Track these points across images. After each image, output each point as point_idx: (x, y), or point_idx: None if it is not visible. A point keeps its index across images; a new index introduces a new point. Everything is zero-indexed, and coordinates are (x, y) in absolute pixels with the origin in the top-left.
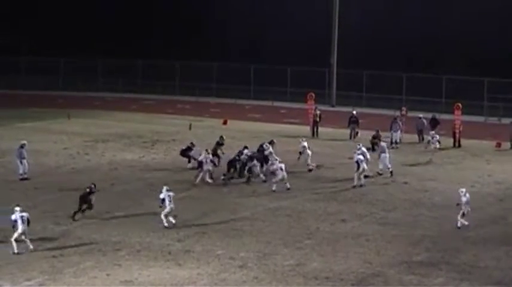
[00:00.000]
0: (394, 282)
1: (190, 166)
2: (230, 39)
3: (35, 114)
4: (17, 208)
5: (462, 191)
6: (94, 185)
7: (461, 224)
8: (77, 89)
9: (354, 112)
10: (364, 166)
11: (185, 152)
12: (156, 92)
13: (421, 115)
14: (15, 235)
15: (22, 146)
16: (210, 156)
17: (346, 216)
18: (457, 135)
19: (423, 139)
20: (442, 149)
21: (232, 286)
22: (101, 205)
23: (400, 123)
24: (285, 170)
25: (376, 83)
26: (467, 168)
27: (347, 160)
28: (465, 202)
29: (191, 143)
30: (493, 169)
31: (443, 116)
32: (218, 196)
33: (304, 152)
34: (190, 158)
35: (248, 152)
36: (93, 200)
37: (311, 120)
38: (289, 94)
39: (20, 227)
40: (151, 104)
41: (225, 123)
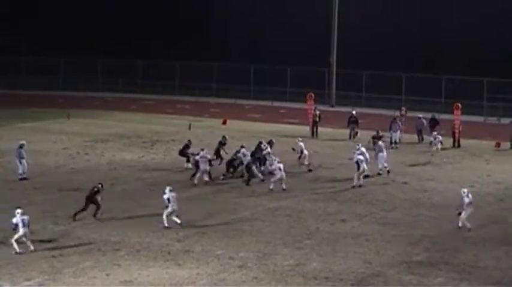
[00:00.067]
0: (394, 282)
1: (189, 166)
2: (230, 39)
3: (35, 114)
4: (18, 210)
5: (464, 191)
6: (101, 185)
7: (462, 224)
8: (77, 89)
9: (354, 112)
10: (364, 166)
11: (183, 151)
12: (156, 92)
13: (421, 115)
14: (15, 237)
15: (21, 146)
16: (208, 155)
17: (345, 216)
18: (457, 135)
19: (423, 139)
20: (442, 149)
21: (231, 286)
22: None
23: (400, 123)
24: (284, 170)
25: (375, 83)
26: (466, 168)
27: (347, 160)
28: (468, 203)
29: (188, 140)
30: (493, 169)
31: (442, 116)
32: (218, 196)
33: (302, 152)
34: (189, 157)
35: (245, 151)
36: (99, 199)
37: (311, 120)
38: (288, 94)
39: (21, 230)
40: (151, 104)
41: (225, 123)
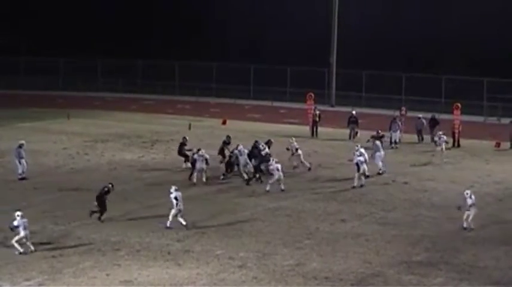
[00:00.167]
0: (394, 282)
1: (188, 165)
2: (230, 39)
3: (35, 114)
4: (19, 213)
5: (467, 192)
6: (112, 185)
7: (467, 225)
8: (77, 89)
9: (354, 112)
10: (364, 168)
11: (180, 149)
12: (156, 92)
13: (421, 115)
14: (16, 238)
15: (20, 146)
16: (206, 155)
17: (345, 216)
18: (457, 135)
19: (422, 139)
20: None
21: (231, 286)
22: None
23: (400, 123)
24: (281, 170)
25: (375, 83)
26: (466, 168)
27: (346, 160)
28: (471, 204)
29: (184, 137)
30: (493, 169)
31: (442, 116)
32: (218, 196)
33: (296, 152)
34: (187, 157)
35: (242, 148)
36: (107, 200)
37: (310, 120)
38: (288, 94)
39: (22, 232)
40: (151, 104)
41: (224, 123)
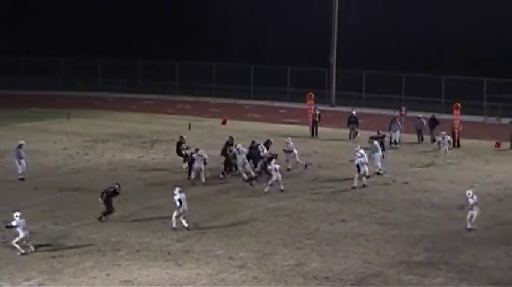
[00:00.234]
0: (394, 282)
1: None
2: (230, 39)
3: (35, 114)
4: (18, 213)
5: (469, 193)
6: (118, 185)
7: (471, 225)
8: (77, 89)
9: (354, 112)
10: (365, 169)
11: (178, 148)
12: (156, 92)
13: (421, 115)
14: (16, 239)
15: (20, 146)
16: (205, 155)
17: (345, 216)
18: (457, 135)
19: (422, 139)
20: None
21: (231, 286)
22: (100, 205)
23: (400, 123)
24: (279, 171)
25: (375, 83)
26: (466, 168)
27: (347, 160)
28: (473, 204)
29: (180, 136)
30: (493, 169)
31: (442, 116)
32: (218, 196)
33: (291, 152)
34: (186, 156)
35: (241, 147)
36: (113, 202)
37: (310, 120)
38: (288, 94)
39: (22, 233)
40: (151, 104)
41: (224, 123)
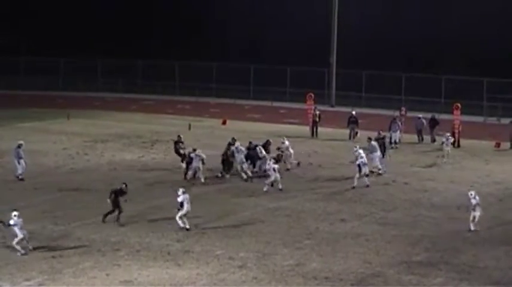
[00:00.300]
0: (394, 282)
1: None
2: (230, 39)
3: (35, 114)
4: (15, 213)
5: (471, 193)
6: (125, 184)
7: (474, 226)
8: (77, 89)
9: (353, 112)
10: (366, 170)
11: (176, 147)
12: (156, 92)
13: (421, 115)
14: (16, 240)
15: (19, 146)
16: (203, 155)
17: (345, 216)
18: (456, 135)
19: (422, 139)
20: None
21: (231, 286)
22: (100, 206)
23: (400, 123)
24: (278, 171)
25: (375, 83)
26: (466, 168)
27: (347, 161)
28: (475, 204)
29: (178, 136)
30: (492, 169)
31: (442, 116)
32: (218, 196)
33: (286, 151)
34: (183, 156)
35: (240, 145)
36: (121, 201)
37: (310, 120)
38: (288, 94)
39: (20, 233)
40: (151, 104)
41: (224, 123)
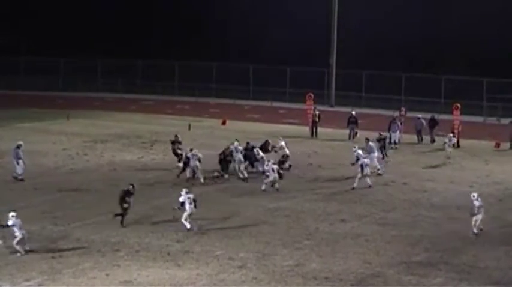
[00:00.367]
0: (394, 282)
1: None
2: (230, 39)
3: (35, 114)
4: (13, 213)
5: (474, 195)
6: (133, 185)
7: (477, 230)
8: (77, 90)
9: (353, 112)
10: (367, 171)
11: (174, 146)
12: (156, 93)
13: (420, 115)
14: (16, 240)
15: (18, 146)
16: (200, 154)
17: (345, 216)
18: (456, 135)
19: (422, 140)
20: (441, 149)
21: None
22: (100, 206)
23: (399, 123)
24: (277, 171)
25: (375, 84)
26: (466, 168)
27: (346, 161)
28: (478, 206)
29: (175, 135)
30: (492, 169)
31: (442, 117)
32: (217, 196)
33: (282, 151)
34: (181, 156)
35: (238, 145)
36: (131, 202)
37: (310, 120)
38: (288, 94)
39: (19, 233)
40: (150, 105)
41: (224, 123)
